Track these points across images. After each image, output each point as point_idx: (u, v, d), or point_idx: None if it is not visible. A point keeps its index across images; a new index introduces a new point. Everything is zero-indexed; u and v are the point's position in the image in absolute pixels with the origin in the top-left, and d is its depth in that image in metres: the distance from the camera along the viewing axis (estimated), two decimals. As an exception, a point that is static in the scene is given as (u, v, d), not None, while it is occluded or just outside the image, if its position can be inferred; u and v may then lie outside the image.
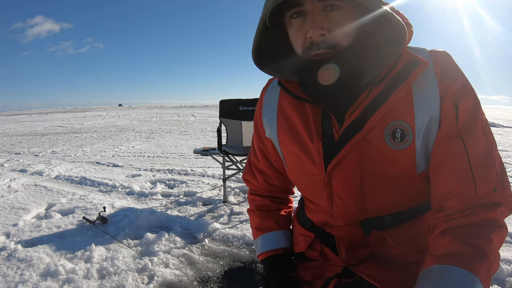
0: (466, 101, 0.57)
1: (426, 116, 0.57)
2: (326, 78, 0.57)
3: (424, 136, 0.58)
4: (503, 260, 1.75)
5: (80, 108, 58.22)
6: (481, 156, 0.56)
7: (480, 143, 0.56)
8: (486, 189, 0.55)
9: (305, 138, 0.66)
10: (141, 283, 1.61)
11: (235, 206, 2.71)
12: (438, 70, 0.58)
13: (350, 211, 0.64)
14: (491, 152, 0.56)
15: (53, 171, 4.10)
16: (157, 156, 5.08)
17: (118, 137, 7.94)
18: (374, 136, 0.59)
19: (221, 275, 1.72)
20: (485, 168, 0.55)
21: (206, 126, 10.50)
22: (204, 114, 17.94)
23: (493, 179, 0.55)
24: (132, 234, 2.17)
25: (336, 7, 0.54)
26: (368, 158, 0.60)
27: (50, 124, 13.36)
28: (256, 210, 0.84)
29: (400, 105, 0.58)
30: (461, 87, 0.57)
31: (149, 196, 3.05)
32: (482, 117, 0.58)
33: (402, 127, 0.58)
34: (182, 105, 44.75)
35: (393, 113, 0.58)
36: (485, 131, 0.57)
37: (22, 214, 2.58)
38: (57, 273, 1.65)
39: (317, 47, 0.56)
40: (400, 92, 0.57)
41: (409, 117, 0.57)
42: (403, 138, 0.58)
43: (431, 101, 0.57)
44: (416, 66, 0.57)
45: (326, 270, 0.71)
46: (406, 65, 0.58)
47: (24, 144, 7.20)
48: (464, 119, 0.56)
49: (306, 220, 0.76)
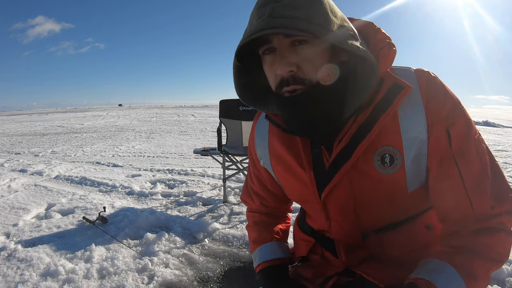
0: (458, 125, 0.57)
1: (414, 139, 0.58)
2: (303, 114, 0.57)
3: (414, 159, 0.59)
4: (503, 260, 1.75)
5: (80, 108, 58.23)
6: (475, 176, 0.57)
7: (474, 164, 0.57)
8: (483, 208, 0.57)
9: (296, 168, 0.67)
10: (141, 283, 1.61)
11: (235, 206, 2.71)
12: (423, 92, 0.58)
13: (347, 230, 0.67)
14: (485, 171, 0.57)
15: (53, 171, 4.10)
16: (157, 156, 5.08)
17: (118, 137, 7.94)
18: (363, 162, 0.60)
19: (221, 275, 1.72)
20: (480, 189, 0.57)
21: (206, 126, 10.50)
22: (204, 114, 17.94)
23: (490, 198, 0.56)
24: (132, 234, 2.17)
25: (304, 41, 0.54)
26: (360, 184, 0.62)
27: (50, 124, 13.36)
28: (254, 225, 0.87)
29: (387, 131, 0.59)
30: (451, 110, 0.58)
31: (149, 196, 3.05)
32: (475, 136, 0.58)
33: (390, 152, 0.59)
34: (182, 105, 44.76)
35: (381, 139, 0.59)
36: (479, 151, 0.58)
37: (22, 214, 2.58)
38: (57, 273, 1.65)
39: (286, 83, 0.56)
40: (386, 118, 0.58)
41: (397, 141, 0.58)
42: (392, 162, 0.59)
43: (417, 124, 0.58)
44: (400, 91, 0.57)
45: (327, 270, 0.73)
46: (389, 89, 0.58)
47: (24, 144, 7.20)
48: (457, 143, 0.57)
49: (307, 226, 0.79)
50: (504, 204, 0.57)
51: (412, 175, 0.60)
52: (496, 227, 0.57)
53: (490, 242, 0.56)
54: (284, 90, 0.57)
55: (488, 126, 11.52)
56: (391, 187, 0.61)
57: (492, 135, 7.97)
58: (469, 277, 0.53)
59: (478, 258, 0.55)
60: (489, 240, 0.56)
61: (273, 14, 0.52)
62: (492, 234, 0.56)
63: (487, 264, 0.55)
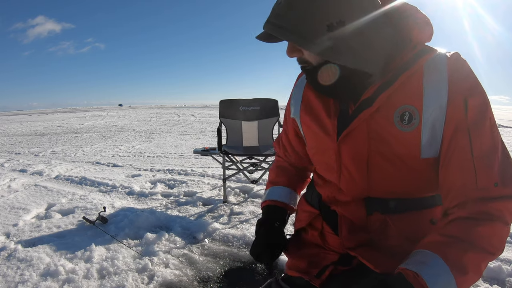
0: (476, 99, 0.60)
1: (434, 104, 0.61)
2: (317, 85, 0.65)
3: (431, 123, 0.61)
4: (503, 260, 1.75)
5: (80, 108, 58.18)
6: (485, 150, 0.58)
7: (486, 139, 0.59)
8: (487, 182, 0.57)
9: (323, 116, 0.72)
10: (141, 283, 1.61)
11: (235, 206, 2.71)
12: (450, 66, 0.61)
13: (356, 184, 0.68)
14: (495, 149, 0.59)
15: (53, 171, 4.10)
16: (157, 156, 5.09)
17: (118, 137, 7.94)
18: (384, 115, 0.63)
19: (221, 275, 1.72)
20: (487, 162, 0.58)
21: (206, 126, 10.50)
22: (204, 114, 17.94)
23: (495, 173, 0.57)
24: (132, 234, 2.17)
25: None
26: (376, 135, 0.64)
27: (50, 124, 13.36)
28: (275, 167, 0.94)
29: (411, 91, 0.62)
30: (472, 86, 0.61)
31: (149, 196, 3.05)
32: (491, 117, 0.60)
33: (410, 111, 0.62)
34: (182, 105, 44.76)
35: (403, 98, 0.62)
36: (493, 129, 0.60)
37: (22, 214, 2.58)
38: (57, 273, 1.66)
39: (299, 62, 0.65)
40: (408, 78, 0.61)
41: (418, 103, 0.61)
42: (411, 121, 0.62)
43: (440, 92, 0.60)
44: (424, 55, 0.61)
45: (323, 259, 0.73)
46: (416, 53, 0.62)
47: (24, 144, 7.20)
48: (472, 115, 0.59)
49: (315, 195, 0.81)
50: (508, 186, 0.57)
51: (427, 139, 0.62)
52: (494, 214, 0.56)
53: (485, 233, 0.56)
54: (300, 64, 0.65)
55: (488, 126, 11.50)
56: (405, 147, 0.63)
57: (492, 135, 7.97)
58: (460, 271, 0.53)
59: (471, 250, 0.54)
60: (485, 230, 0.56)
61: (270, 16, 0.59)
62: (488, 224, 0.56)
63: (480, 256, 0.55)
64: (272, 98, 3.30)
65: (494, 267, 1.65)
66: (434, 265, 0.53)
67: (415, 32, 0.63)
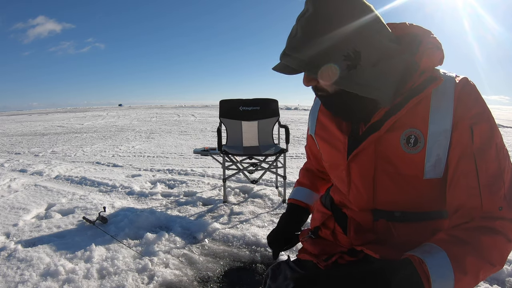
0: (482, 126, 0.62)
1: (439, 129, 0.64)
2: (335, 111, 0.72)
3: (435, 147, 0.65)
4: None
5: (80, 108, 58.18)
6: (491, 176, 0.61)
7: (492, 165, 0.61)
8: (492, 207, 0.60)
9: (336, 134, 0.78)
10: (141, 283, 1.61)
11: (235, 206, 2.71)
12: (457, 91, 0.64)
13: (363, 198, 0.73)
14: (502, 175, 0.61)
15: (53, 171, 4.10)
16: (157, 156, 5.09)
17: (118, 137, 7.95)
18: (391, 138, 0.68)
19: (221, 275, 1.72)
20: (493, 188, 0.60)
21: (206, 126, 10.50)
22: (204, 114, 17.93)
23: (500, 199, 0.60)
24: (132, 234, 2.17)
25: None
26: (383, 156, 0.69)
27: (50, 124, 13.36)
28: (304, 169, 1.05)
29: (418, 115, 0.66)
30: (478, 112, 0.63)
31: (149, 196, 3.05)
32: (498, 142, 0.63)
33: (416, 134, 0.66)
34: (182, 105, 44.77)
35: (411, 121, 0.66)
36: (499, 155, 0.62)
37: (22, 214, 2.58)
38: (57, 273, 1.66)
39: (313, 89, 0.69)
40: (416, 103, 0.65)
41: (424, 127, 0.65)
42: (416, 144, 0.66)
43: (445, 117, 0.64)
44: (434, 81, 0.64)
45: (333, 249, 0.80)
46: (426, 79, 0.65)
47: (24, 144, 7.20)
48: (478, 142, 0.62)
49: (328, 198, 0.88)
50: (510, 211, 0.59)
51: (430, 162, 0.65)
52: (498, 229, 0.58)
53: (489, 243, 0.58)
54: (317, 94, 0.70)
55: (488, 126, 11.49)
56: (409, 167, 0.67)
57: (492, 135, 7.97)
58: (459, 269, 0.55)
59: (473, 254, 0.56)
60: (488, 240, 0.58)
61: (286, 49, 0.63)
62: (493, 236, 0.58)
63: (480, 262, 0.56)
64: (272, 98, 3.30)
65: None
66: (438, 257, 0.56)
67: (424, 59, 0.65)
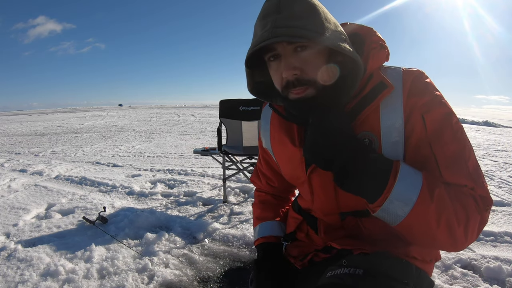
0: (434, 112, 0.63)
1: (391, 127, 0.65)
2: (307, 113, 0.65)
3: (391, 145, 0.65)
4: (503, 260, 1.75)
5: (80, 108, 58.15)
6: (450, 157, 0.61)
7: (450, 146, 0.61)
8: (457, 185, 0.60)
9: (290, 147, 0.76)
10: (141, 283, 1.61)
11: (235, 206, 2.71)
12: (405, 90, 0.65)
13: (327, 207, 0.75)
14: (462, 155, 0.61)
15: (53, 171, 4.10)
16: (157, 156, 5.08)
17: (118, 137, 7.94)
18: None
19: (221, 275, 1.72)
20: (454, 168, 0.60)
21: (206, 126, 10.49)
22: (204, 114, 17.93)
23: (463, 177, 0.60)
24: (132, 234, 2.17)
25: (304, 47, 0.62)
26: None
27: (50, 124, 13.35)
28: (259, 203, 0.98)
29: (369, 119, 0.66)
30: (428, 100, 0.63)
31: (149, 196, 3.05)
32: (454, 124, 0.63)
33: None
34: (182, 105, 44.77)
35: (362, 125, 0.67)
36: (456, 135, 0.62)
37: (22, 214, 2.58)
38: (57, 273, 1.66)
39: (292, 85, 0.63)
40: (369, 110, 0.65)
41: (376, 129, 0.66)
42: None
43: (395, 115, 0.64)
44: (383, 90, 0.64)
45: (309, 248, 0.81)
46: (375, 86, 0.65)
47: (24, 144, 7.20)
48: (432, 128, 0.62)
49: (297, 205, 0.89)
50: (477, 189, 0.60)
51: None
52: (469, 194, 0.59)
53: (458, 195, 0.58)
54: (292, 92, 0.64)
55: (488, 126, 11.52)
56: None
57: (492, 135, 7.97)
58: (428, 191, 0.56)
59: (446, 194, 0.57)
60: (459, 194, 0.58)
61: (276, 25, 0.60)
62: (464, 195, 0.59)
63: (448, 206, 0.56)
64: (272, 98, 3.30)
65: (494, 267, 1.66)
66: (414, 172, 0.58)
67: (370, 61, 0.66)
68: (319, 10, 0.62)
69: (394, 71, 0.68)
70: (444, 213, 0.56)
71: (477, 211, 0.58)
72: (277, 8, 0.61)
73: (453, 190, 0.59)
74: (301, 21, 0.60)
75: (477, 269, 1.69)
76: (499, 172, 3.84)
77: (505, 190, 3.09)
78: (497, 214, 2.46)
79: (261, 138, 0.91)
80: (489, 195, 0.61)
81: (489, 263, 1.70)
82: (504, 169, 3.97)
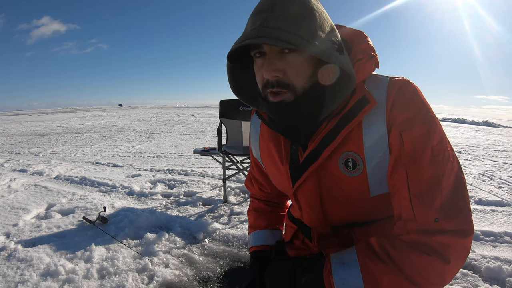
0: (413, 131, 0.58)
1: (375, 147, 0.61)
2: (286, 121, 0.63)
3: (376, 166, 0.62)
4: (503, 260, 1.75)
5: (80, 108, 58.14)
6: (423, 185, 0.56)
7: (425, 172, 0.56)
8: (426, 219, 0.55)
9: (277, 161, 0.75)
10: (141, 283, 1.61)
11: (235, 206, 2.71)
12: (389, 103, 0.60)
13: (315, 221, 0.74)
14: (438, 182, 0.55)
15: (53, 171, 4.10)
16: (157, 156, 5.08)
17: (118, 137, 7.94)
18: (331, 165, 0.66)
19: (221, 275, 1.72)
20: (426, 198, 0.55)
21: (206, 126, 10.50)
22: (204, 114, 17.93)
23: (435, 210, 0.54)
24: (132, 234, 2.17)
25: (292, 50, 0.58)
26: (327, 182, 0.67)
27: (50, 124, 13.35)
28: (253, 210, 0.97)
29: (352, 138, 0.63)
30: (410, 117, 0.58)
31: (149, 196, 3.05)
32: (434, 145, 0.57)
33: (353, 157, 0.63)
34: (182, 105, 44.76)
35: (346, 145, 0.63)
36: (436, 160, 0.56)
37: (22, 214, 2.58)
38: (57, 273, 1.66)
39: (271, 85, 0.60)
40: (350, 128, 0.62)
41: (359, 149, 0.62)
42: (355, 166, 0.63)
43: (379, 134, 0.61)
44: (365, 105, 0.61)
45: (306, 252, 0.81)
46: (357, 101, 0.61)
47: (24, 144, 7.20)
48: (409, 149, 0.57)
49: (290, 214, 0.89)
50: (452, 220, 0.54)
51: (374, 181, 0.63)
52: (434, 247, 0.53)
53: (418, 263, 0.53)
54: (268, 91, 0.61)
55: (488, 126, 11.52)
56: (354, 189, 0.65)
57: (492, 135, 7.97)
58: (372, 285, 0.54)
59: (394, 274, 0.53)
60: (418, 260, 0.53)
61: (265, 24, 0.56)
62: (424, 256, 0.53)
63: (401, 282, 0.53)
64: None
65: (494, 267, 1.66)
66: (351, 272, 0.56)
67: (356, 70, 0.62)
68: (316, 15, 0.58)
69: (379, 81, 0.64)
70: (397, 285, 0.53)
71: (442, 262, 0.53)
72: (271, 5, 0.58)
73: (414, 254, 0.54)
74: (292, 24, 0.56)
75: (477, 269, 1.69)
76: (499, 172, 3.84)
77: (505, 190, 3.10)
78: (497, 214, 2.46)
79: (251, 147, 0.89)
80: (469, 225, 0.55)
81: (489, 263, 1.70)
82: (504, 169, 3.97)
